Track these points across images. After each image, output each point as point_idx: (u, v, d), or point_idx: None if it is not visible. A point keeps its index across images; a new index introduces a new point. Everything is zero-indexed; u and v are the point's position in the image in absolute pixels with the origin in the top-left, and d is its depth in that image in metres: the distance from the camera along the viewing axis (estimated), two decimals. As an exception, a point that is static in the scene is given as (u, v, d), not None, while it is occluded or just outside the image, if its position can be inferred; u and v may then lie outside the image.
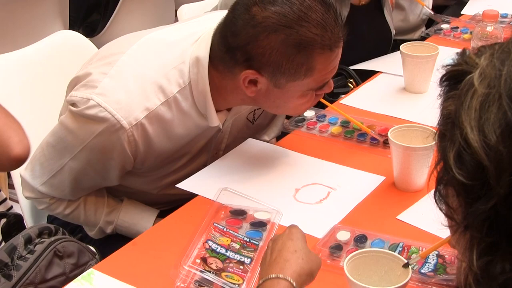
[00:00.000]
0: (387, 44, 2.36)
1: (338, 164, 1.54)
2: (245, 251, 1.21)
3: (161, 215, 1.57)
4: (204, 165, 1.58)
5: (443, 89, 0.85)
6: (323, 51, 1.30)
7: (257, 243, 1.24)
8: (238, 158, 1.59)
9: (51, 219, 1.65)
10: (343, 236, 1.28)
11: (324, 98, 2.10)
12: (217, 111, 1.43)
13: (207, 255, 1.19)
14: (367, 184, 1.45)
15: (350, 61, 2.22)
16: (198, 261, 1.17)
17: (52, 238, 1.27)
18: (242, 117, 1.59)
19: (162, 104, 1.38)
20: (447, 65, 0.85)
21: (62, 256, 1.26)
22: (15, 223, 1.38)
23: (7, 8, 2.48)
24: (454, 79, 0.82)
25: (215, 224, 1.28)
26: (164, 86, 1.38)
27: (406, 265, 1.04)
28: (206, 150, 1.56)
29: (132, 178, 1.53)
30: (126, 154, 1.39)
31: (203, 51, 1.38)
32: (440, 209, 0.85)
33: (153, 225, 1.53)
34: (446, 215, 0.85)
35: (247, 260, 1.19)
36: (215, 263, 1.17)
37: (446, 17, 2.46)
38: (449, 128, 0.79)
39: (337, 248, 1.24)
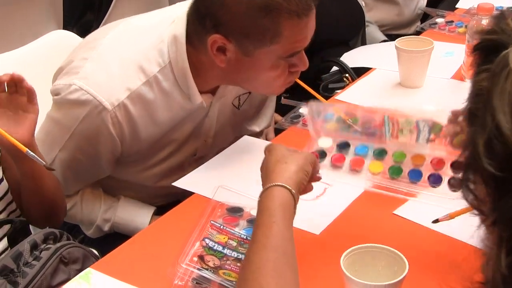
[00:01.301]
0: (358, 21, 2.37)
1: (334, 160, 1.54)
2: (242, 248, 1.21)
3: (159, 212, 1.57)
4: (194, 153, 1.59)
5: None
6: (290, 16, 1.29)
7: (254, 240, 1.24)
8: (234, 155, 1.59)
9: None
10: (325, 143, 1.34)
11: (320, 94, 2.12)
12: (201, 92, 1.44)
13: (205, 253, 1.19)
14: (363, 180, 1.45)
15: (322, 39, 2.23)
16: (196, 259, 1.17)
17: (58, 245, 1.27)
18: (228, 103, 1.60)
19: (144, 84, 1.40)
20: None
21: (68, 262, 1.26)
22: (22, 229, 1.38)
23: (1, 8, 2.48)
24: (487, 50, 0.75)
25: (212, 222, 1.28)
26: (144, 66, 1.40)
27: (435, 221, 1.02)
28: (194, 137, 1.56)
29: (124, 169, 1.54)
30: (112, 137, 1.40)
31: (180, 28, 1.39)
32: (466, 198, 0.79)
33: (150, 222, 1.54)
34: (472, 205, 0.78)
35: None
36: (212, 261, 1.17)
37: (440, 11, 2.46)
38: (480, 108, 0.72)
39: (322, 155, 1.29)
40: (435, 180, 1.24)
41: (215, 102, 1.53)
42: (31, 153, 1.22)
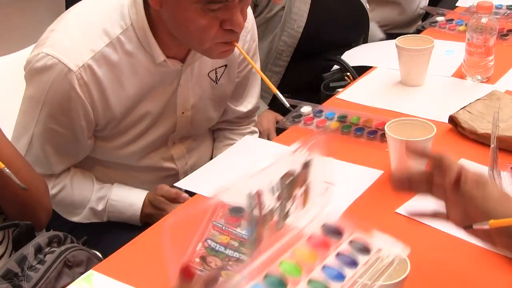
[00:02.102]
0: (363, 23, 2.37)
1: (335, 159, 1.54)
2: (244, 249, 1.21)
3: None
4: (174, 127, 1.60)
5: None
6: None
7: (256, 241, 1.24)
8: (236, 155, 1.59)
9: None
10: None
11: (321, 92, 2.13)
12: (168, 57, 1.49)
13: (206, 253, 1.19)
14: (365, 179, 1.45)
15: (328, 43, 2.24)
16: (198, 260, 1.17)
17: (62, 248, 1.27)
18: (203, 74, 1.61)
19: (107, 45, 1.44)
20: None
21: (72, 266, 1.25)
22: (27, 232, 1.38)
23: (2, 11, 2.48)
24: None
25: (213, 222, 1.28)
26: (107, 28, 1.45)
27: (469, 227, 1.02)
28: (170, 109, 1.58)
29: (103, 144, 1.57)
30: (82, 101, 1.44)
31: None
32: None
33: (144, 201, 1.58)
34: None
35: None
36: (214, 262, 1.17)
37: (441, 9, 2.46)
38: None
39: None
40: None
41: (185, 69, 1.55)
42: (7, 171, 1.21)
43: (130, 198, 1.58)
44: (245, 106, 1.80)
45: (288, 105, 1.51)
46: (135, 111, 1.53)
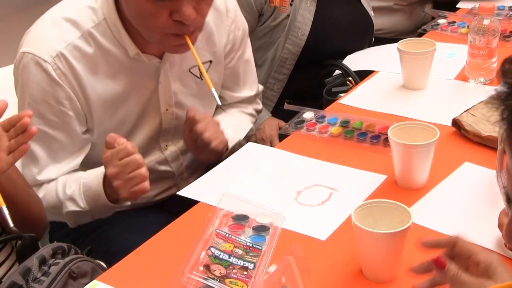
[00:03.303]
0: (367, 32, 2.36)
1: (339, 165, 1.54)
2: (248, 257, 1.21)
3: (162, 209, 1.65)
4: (160, 125, 1.62)
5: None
6: None
7: (260, 248, 1.24)
8: (238, 162, 1.59)
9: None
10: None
11: (323, 98, 2.12)
12: (144, 52, 1.52)
13: (210, 262, 1.18)
14: (369, 184, 1.45)
15: (332, 51, 2.23)
16: (202, 268, 1.17)
17: (67, 259, 1.26)
18: (183, 70, 1.63)
19: (79, 38, 1.48)
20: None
21: (76, 277, 1.24)
22: (31, 245, 1.37)
23: (6, 20, 2.48)
24: None
25: (217, 230, 1.27)
26: (78, 22, 1.48)
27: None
28: (153, 107, 1.60)
29: (95, 149, 1.57)
30: (64, 89, 1.46)
31: None
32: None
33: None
34: None
35: (251, 266, 1.19)
36: (218, 270, 1.16)
37: (442, 12, 2.46)
38: None
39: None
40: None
41: (163, 64, 1.57)
42: (5, 211, 1.21)
43: (96, 171, 1.51)
44: (244, 93, 1.82)
45: (220, 104, 1.52)
46: (118, 111, 1.55)
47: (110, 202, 1.47)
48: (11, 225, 1.20)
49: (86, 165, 1.56)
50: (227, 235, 1.26)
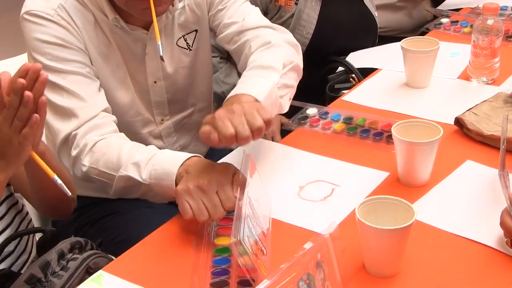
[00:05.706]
0: (371, 31, 2.37)
1: (342, 161, 1.55)
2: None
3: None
4: (148, 95, 1.67)
5: None
6: None
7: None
8: (241, 157, 1.59)
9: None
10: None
11: (327, 94, 2.13)
12: (133, 24, 1.57)
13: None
14: (371, 180, 1.46)
15: (335, 50, 2.24)
16: None
17: (85, 255, 1.28)
18: (171, 44, 1.67)
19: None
20: None
21: (93, 273, 1.26)
22: (52, 239, 1.39)
23: (6, 15, 2.49)
24: None
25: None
26: None
27: None
28: (141, 75, 1.65)
29: None
30: (72, 33, 1.53)
31: None
32: None
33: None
34: None
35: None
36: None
37: (445, 11, 2.46)
38: None
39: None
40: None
41: (149, 36, 1.61)
42: (59, 181, 1.17)
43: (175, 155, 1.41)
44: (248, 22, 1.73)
45: (161, 54, 1.50)
46: (107, 62, 1.59)
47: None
48: (69, 193, 1.17)
49: None
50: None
